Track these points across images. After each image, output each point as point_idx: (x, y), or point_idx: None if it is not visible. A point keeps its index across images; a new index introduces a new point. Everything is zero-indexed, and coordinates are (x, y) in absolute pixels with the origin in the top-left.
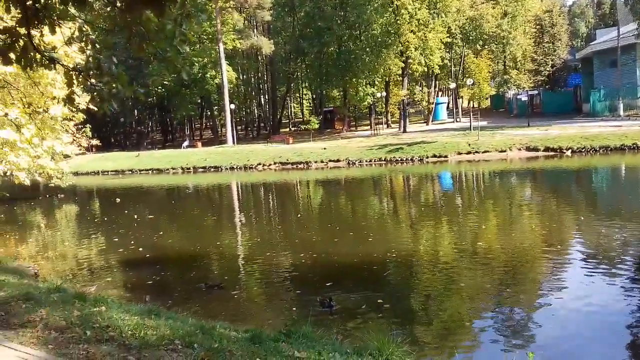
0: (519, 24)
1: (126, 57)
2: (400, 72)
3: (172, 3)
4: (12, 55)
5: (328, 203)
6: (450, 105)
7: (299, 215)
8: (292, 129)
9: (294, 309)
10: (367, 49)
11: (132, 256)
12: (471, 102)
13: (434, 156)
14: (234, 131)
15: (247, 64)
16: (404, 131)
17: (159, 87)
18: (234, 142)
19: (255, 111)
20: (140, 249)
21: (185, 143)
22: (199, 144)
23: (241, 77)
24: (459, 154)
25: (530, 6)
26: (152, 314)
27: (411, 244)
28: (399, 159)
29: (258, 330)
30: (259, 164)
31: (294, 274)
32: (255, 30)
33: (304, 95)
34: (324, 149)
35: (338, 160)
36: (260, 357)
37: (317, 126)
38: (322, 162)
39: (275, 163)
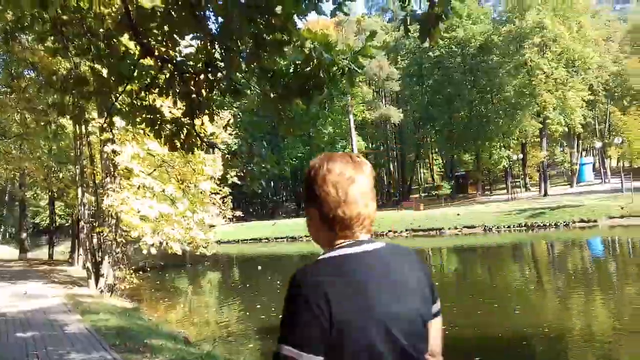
0: None
1: (264, 133)
2: (537, 133)
3: (320, 92)
4: (177, 142)
5: (465, 272)
6: (597, 166)
7: (436, 284)
8: (423, 194)
9: None
10: (500, 112)
11: (274, 323)
12: (621, 162)
13: (582, 221)
14: None
15: (377, 133)
16: (545, 194)
17: (293, 159)
18: None
19: (385, 178)
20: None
21: None
22: None
23: (370, 146)
24: (611, 218)
25: None
26: None
27: (563, 318)
28: (542, 224)
29: None
30: (390, 230)
31: None
32: (384, 100)
33: (434, 161)
34: (458, 214)
35: (473, 227)
36: None
37: (448, 191)
38: (455, 228)
39: (406, 230)
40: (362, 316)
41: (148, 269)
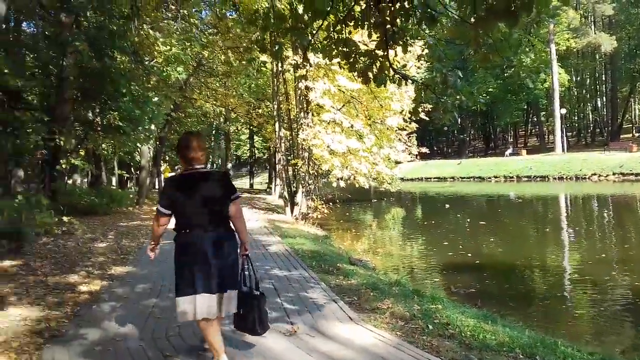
0: None
1: (453, 66)
2: None
3: (528, 13)
4: (370, 75)
5: None
6: None
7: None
8: (637, 134)
9: None
10: None
11: (460, 261)
12: None
13: None
14: (564, 138)
15: (582, 64)
16: None
17: (483, 94)
18: (563, 150)
19: (590, 116)
20: (469, 255)
21: (509, 151)
22: (524, 151)
23: (574, 79)
24: None
25: None
26: (488, 319)
27: None
28: None
29: (607, 354)
30: (594, 174)
31: None
32: (593, 26)
33: None
34: None
35: None
36: None
37: None
38: None
39: (614, 174)
40: (189, 193)
41: (337, 201)
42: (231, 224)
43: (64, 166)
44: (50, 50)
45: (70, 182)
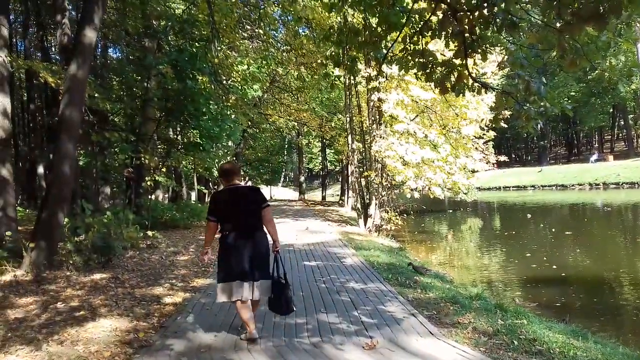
0: None
1: (534, 71)
2: None
3: (618, 15)
4: (448, 84)
5: None
6: None
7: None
8: None
9: None
10: None
11: (545, 273)
12: None
13: None
14: None
15: None
16: None
17: (565, 99)
18: None
19: None
20: (554, 267)
21: (594, 157)
22: (610, 157)
23: None
24: None
25: None
26: (578, 335)
27: None
28: None
29: None
30: None
31: None
32: None
33: None
34: None
35: None
36: None
37: None
38: None
39: None
40: (228, 203)
41: (411, 212)
42: (264, 228)
43: (149, 183)
44: (135, 74)
45: (152, 197)
